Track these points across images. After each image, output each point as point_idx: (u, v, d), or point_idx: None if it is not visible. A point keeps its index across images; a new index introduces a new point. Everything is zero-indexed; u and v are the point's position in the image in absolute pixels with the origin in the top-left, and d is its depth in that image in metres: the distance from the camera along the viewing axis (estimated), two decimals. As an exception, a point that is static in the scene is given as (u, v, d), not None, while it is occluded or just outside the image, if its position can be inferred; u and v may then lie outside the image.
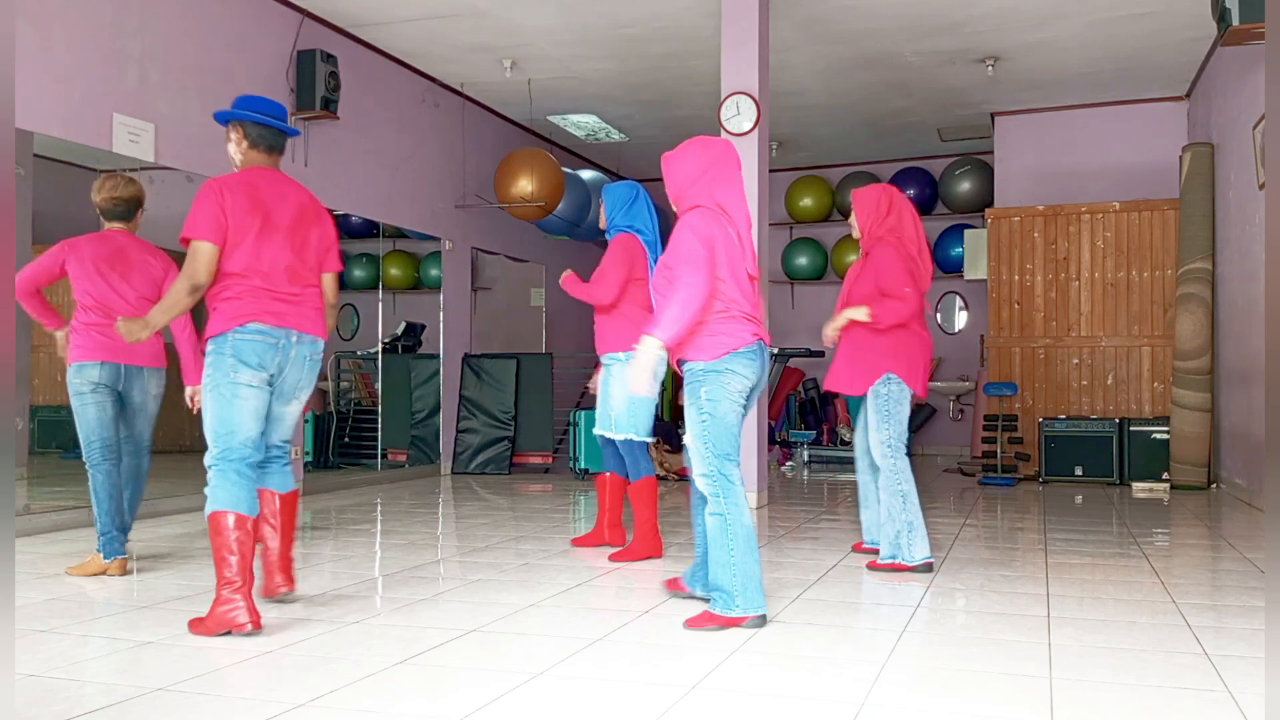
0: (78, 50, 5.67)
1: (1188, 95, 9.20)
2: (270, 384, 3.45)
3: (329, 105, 7.22)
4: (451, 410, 9.11)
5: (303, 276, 3.55)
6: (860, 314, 4.30)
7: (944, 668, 2.88)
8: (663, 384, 10.08)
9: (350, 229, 8.89)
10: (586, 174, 10.05)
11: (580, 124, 10.32)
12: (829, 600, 3.79)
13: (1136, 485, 8.02)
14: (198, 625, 3.26)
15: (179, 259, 3.63)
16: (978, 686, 2.70)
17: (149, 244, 4.46)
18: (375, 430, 8.59)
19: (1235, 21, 5.57)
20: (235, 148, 3.59)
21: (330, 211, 3.83)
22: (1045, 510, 6.57)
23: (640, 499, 4.74)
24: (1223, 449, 7.95)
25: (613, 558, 4.63)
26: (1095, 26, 7.53)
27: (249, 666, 2.87)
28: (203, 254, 3.33)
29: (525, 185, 8.86)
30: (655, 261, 4.66)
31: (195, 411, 4.00)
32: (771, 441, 9.42)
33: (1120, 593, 3.94)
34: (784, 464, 9.63)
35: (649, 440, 4.80)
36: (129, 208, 4.41)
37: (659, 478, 8.46)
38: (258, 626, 3.21)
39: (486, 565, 4.50)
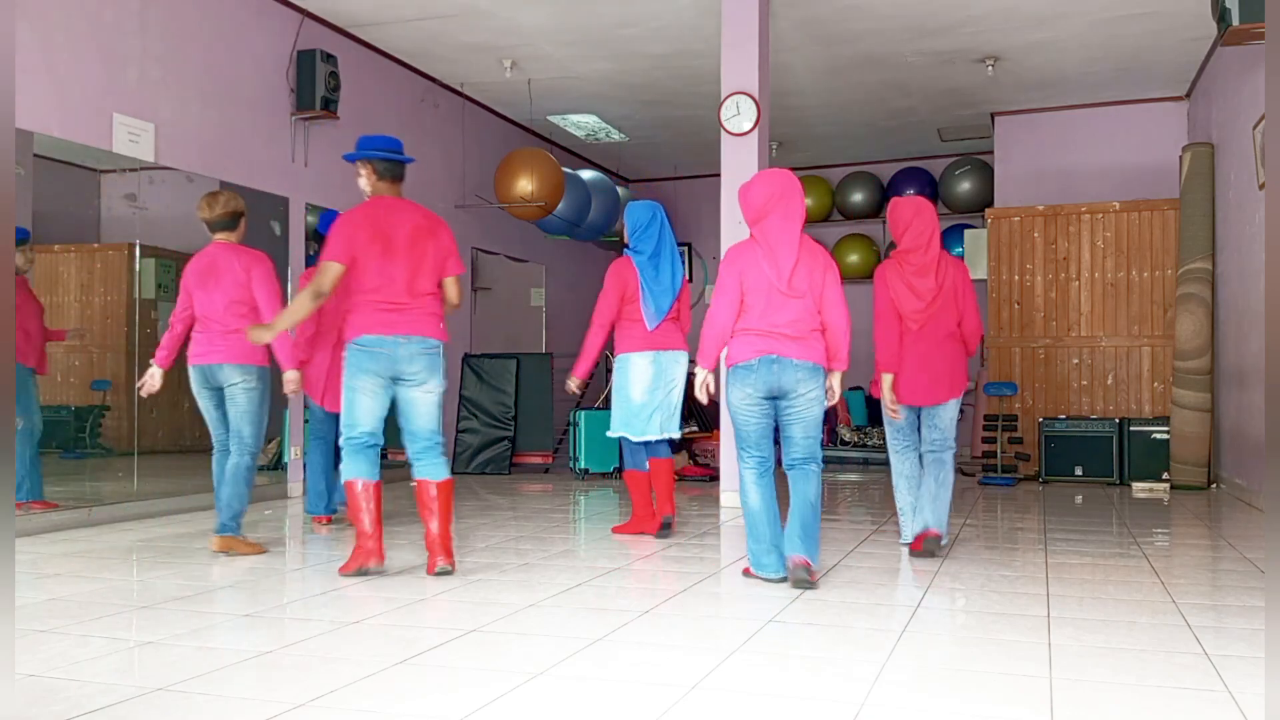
0: (78, 50, 5.67)
1: (1188, 95, 9.20)
2: (395, 381, 4.15)
3: (329, 105, 7.22)
4: (451, 410, 9.11)
5: (418, 287, 4.17)
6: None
7: (944, 668, 2.88)
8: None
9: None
10: (586, 174, 10.05)
11: (580, 124, 10.32)
12: (829, 600, 3.79)
13: (1136, 485, 8.02)
14: (344, 567, 4.21)
15: (182, 256, 3.74)
16: (978, 686, 2.70)
17: (240, 249, 4.86)
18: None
19: (1235, 21, 5.57)
20: (365, 181, 4.28)
21: (442, 220, 4.36)
22: (1045, 510, 6.57)
23: (632, 484, 5.44)
24: (1223, 449, 7.95)
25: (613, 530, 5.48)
26: (1095, 26, 7.53)
27: (249, 666, 2.87)
28: (329, 271, 4.08)
29: (525, 185, 8.86)
30: (666, 277, 5.25)
31: (288, 392, 4.97)
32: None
33: (1120, 593, 3.94)
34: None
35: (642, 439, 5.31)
36: (233, 219, 4.89)
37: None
38: (381, 562, 4.19)
39: (486, 565, 4.50)
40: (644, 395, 5.25)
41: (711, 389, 4.19)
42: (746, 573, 4.22)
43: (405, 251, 4.13)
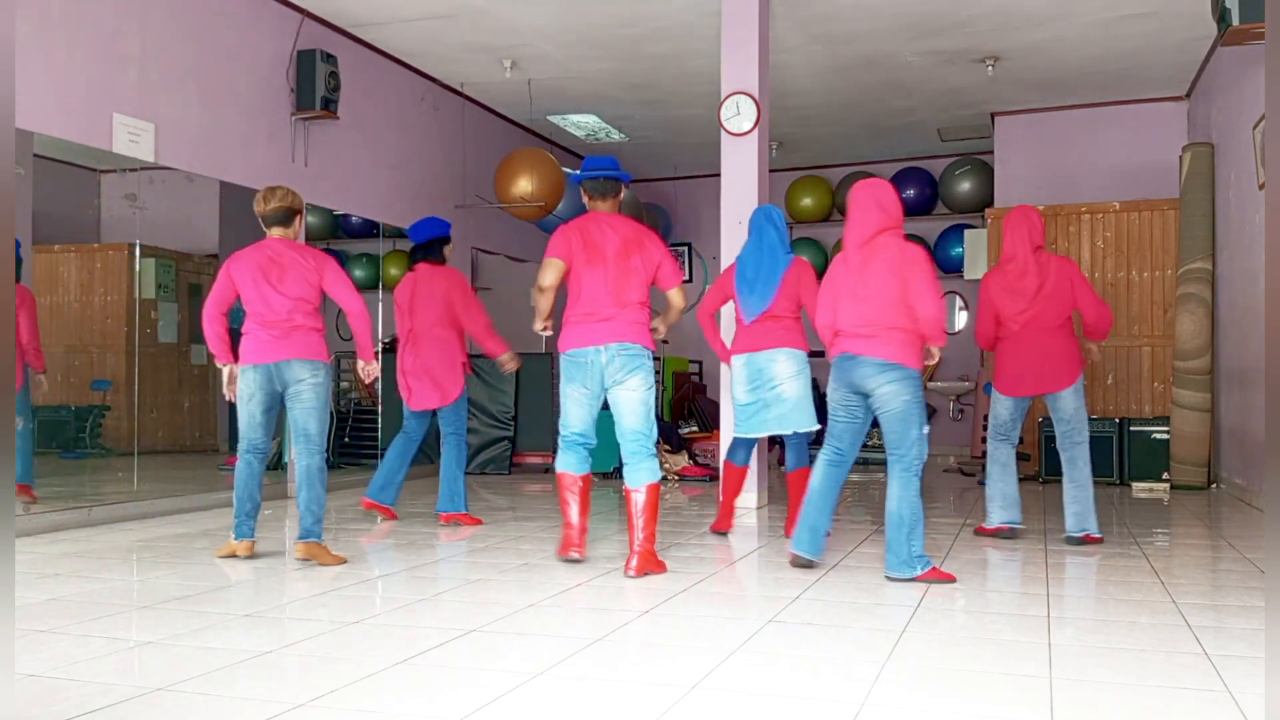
0: (78, 50, 5.67)
1: (1188, 95, 9.19)
2: (601, 385, 4.39)
3: (329, 105, 7.22)
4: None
5: (623, 296, 4.40)
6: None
7: (944, 668, 2.88)
8: (662, 384, 10.08)
9: (350, 229, 8.89)
10: (586, 174, 10.04)
11: (580, 124, 10.32)
12: (829, 600, 3.79)
13: (1136, 485, 8.02)
14: (560, 550, 4.57)
15: (182, 256, 3.73)
16: (978, 686, 2.70)
17: (303, 246, 4.72)
18: (375, 430, 8.59)
19: (1235, 21, 5.57)
20: (585, 200, 4.72)
21: (652, 232, 4.62)
22: (1045, 510, 6.56)
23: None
24: (1223, 449, 7.95)
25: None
26: (1095, 26, 7.53)
27: (249, 666, 2.87)
28: (550, 266, 4.41)
29: (525, 185, 8.85)
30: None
31: (368, 382, 5.11)
32: (772, 442, 9.41)
33: (1120, 593, 3.94)
34: (784, 464, 9.62)
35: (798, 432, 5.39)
36: (289, 214, 4.73)
37: (661, 478, 8.46)
38: (581, 554, 4.49)
39: (486, 565, 4.49)
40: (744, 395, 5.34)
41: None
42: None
43: (612, 261, 4.42)
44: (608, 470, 8.62)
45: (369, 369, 4.81)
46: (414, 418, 5.90)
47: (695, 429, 9.20)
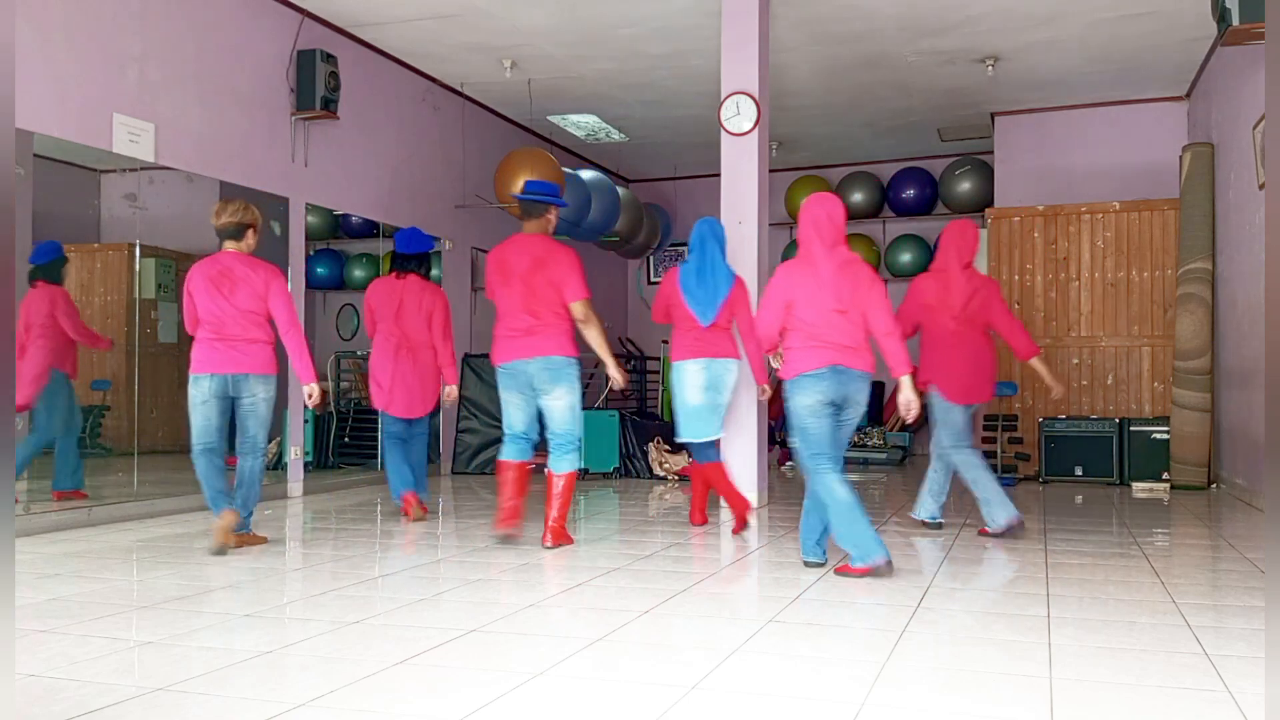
0: (78, 50, 5.67)
1: (1188, 95, 9.19)
2: (533, 390, 4.92)
3: (329, 105, 7.22)
4: (451, 410, 9.10)
5: (536, 311, 4.85)
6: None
7: (944, 668, 2.88)
8: (663, 385, 10.08)
9: (350, 229, 8.89)
10: (586, 174, 10.05)
11: (580, 124, 10.32)
12: (829, 600, 3.79)
13: (1136, 485, 8.02)
14: (494, 525, 5.09)
15: (182, 256, 3.74)
16: (978, 686, 2.70)
17: (255, 260, 4.86)
18: (375, 430, 8.58)
19: (1235, 21, 5.57)
20: (520, 218, 5.11)
21: (562, 251, 4.94)
22: (1045, 510, 6.57)
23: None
24: (1223, 449, 7.95)
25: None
26: (1095, 26, 7.53)
27: (249, 666, 2.87)
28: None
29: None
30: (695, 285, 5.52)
31: (310, 405, 4.99)
32: (772, 442, 9.42)
33: (1120, 593, 3.94)
34: (784, 464, 9.64)
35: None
36: (240, 229, 4.87)
37: (661, 478, 8.47)
38: (515, 530, 5.02)
39: (486, 565, 4.50)
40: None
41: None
42: (847, 570, 4.19)
43: (522, 279, 4.86)
44: (608, 470, 8.62)
45: (312, 391, 4.93)
46: (394, 420, 6.03)
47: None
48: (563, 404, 4.92)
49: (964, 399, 5.38)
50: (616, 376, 5.11)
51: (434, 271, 9.25)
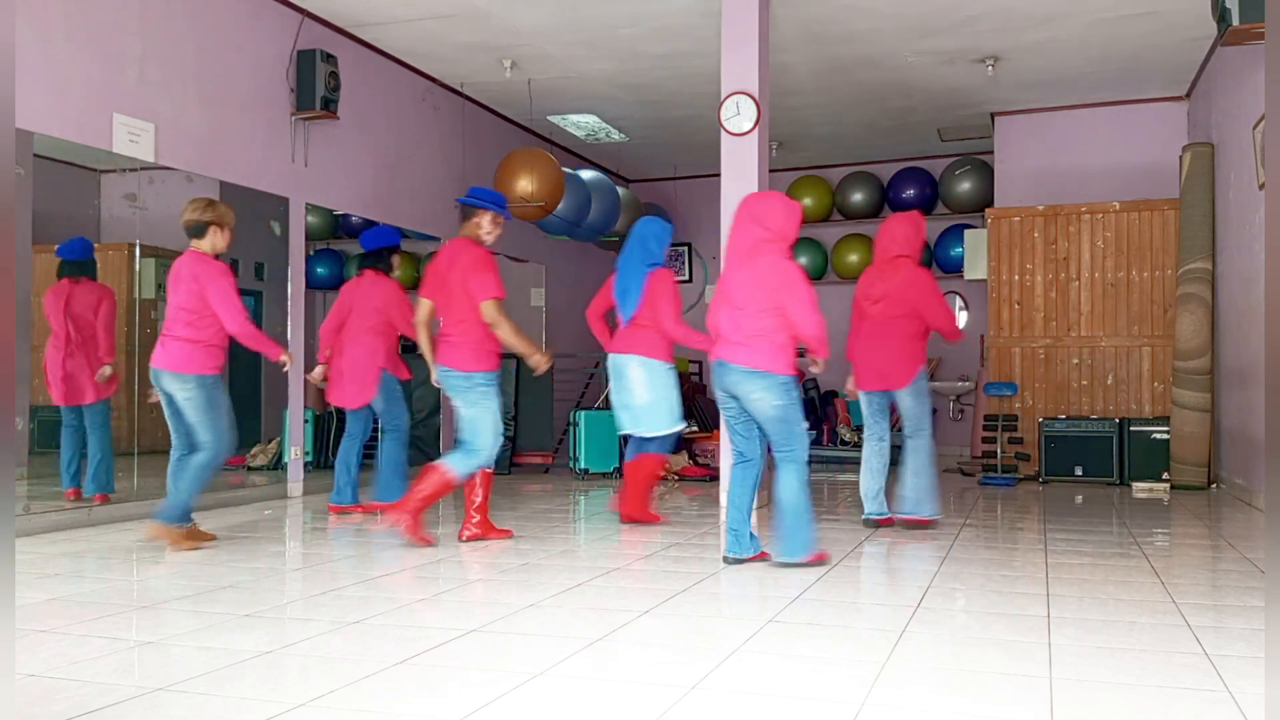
0: (78, 50, 5.67)
1: (1188, 95, 9.19)
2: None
3: (329, 105, 7.22)
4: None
5: (452, 316, 4.93)
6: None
7: (944, 668, 2.88)
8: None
9: (350, 229, 8.88)
10: (586, 174, 10.05)
11: (580, 124, 10.32)
12: (829, 600, 3.79)
13: (1136, 485, 8.02)
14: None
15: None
16: (978, 686, 2.70)
17: (202, 259, 4.90)
18: (375, 430, 8.57)
19: (1235, 21, 5.57)
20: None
21: (477, 252, 4.95)
22: (1045, 510, 6.57)
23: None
24: (1223, 449, 7.95)
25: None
26: (1095, 26, 7.53)
27: (249, 666, 2.87)
28: (420, 304, 5.12)
29: (525, 185, 8.84)
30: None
31: (286, 370, 5.32)
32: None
33: (1120, 593, 3.94)
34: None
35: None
36: (199, 227, 4.93)
37: (660, 478, 8.46)
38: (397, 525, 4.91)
39: (486, 565, 4.50)
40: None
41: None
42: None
43: (441, 284, 4.94)
44: (608, 470, 8.62)
45: (284, 361, 5.15)
46: (351, 418, 6.22)
47: (695, 429, 9.20)
48: (465, 415, 4.96)
49: (866, 386, 5.55)
50: (534, 364, 5.14)
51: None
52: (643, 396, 5.59)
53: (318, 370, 6.17)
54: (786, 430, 4.40)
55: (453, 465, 4.89)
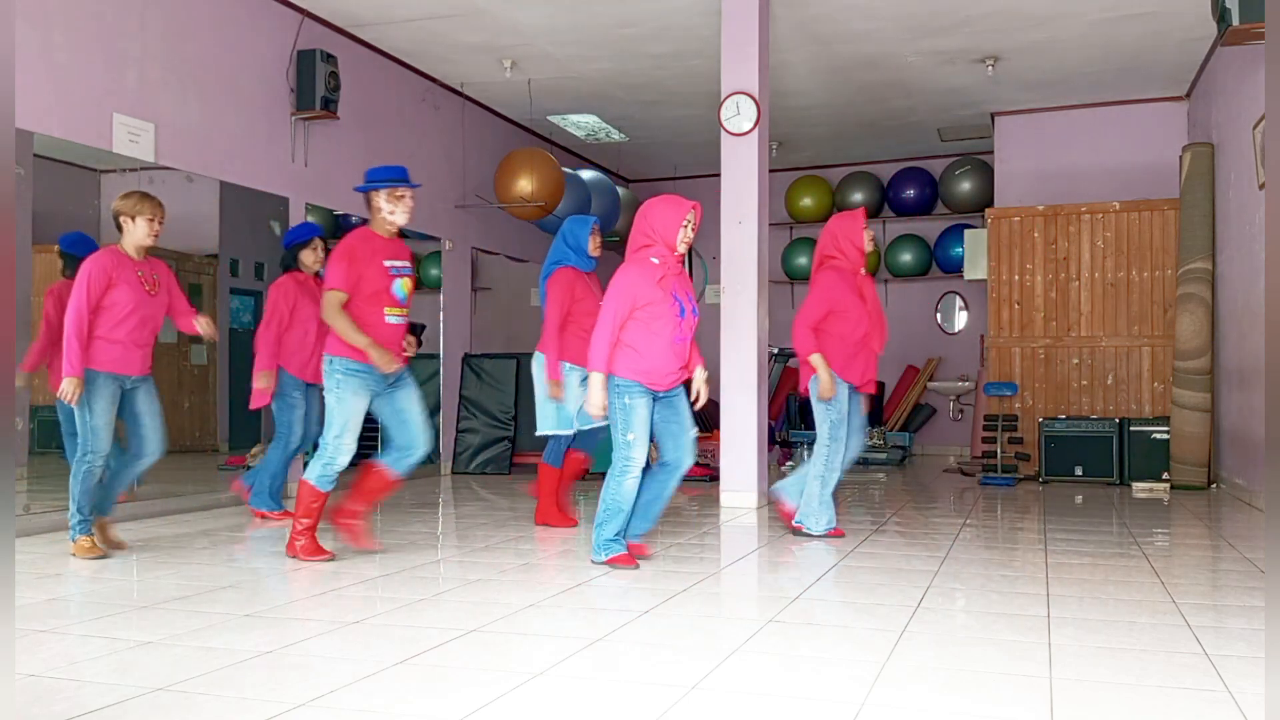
0: (78, 50, 5.67)
1: (1188, 95, 9.20)
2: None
3: (329, 105, 7.22)
4: (452, 410, 9.11)
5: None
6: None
7: (944, 668, 2.88)
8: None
9: (350, 229, 8.87)
10: (586, 174, 10.05)
11: (580, 124, 10.32)
12: (829, 600, 3.79)
13: (1136, 485, 8.02)
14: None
15: (182, 256, 3.72)
16: (978, 686, 2.70)
17: (96, 255, 4.72)
18: (375, 429, 8.57)
19: (1235, 21, 5.57)
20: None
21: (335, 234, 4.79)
22: (1045, 510, 6.57)
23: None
24: (1223, 449, 7.95)
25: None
26: (1095, 26, 7.53)
27: (249, 666, 2.87)
28: None
29: (525, 185, 8.85)
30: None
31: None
32: (771, 442, 9.42)
33: (1120, 593, 3.94)
34: (784, 464, 9.64)
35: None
36: (115, 220, 4.73)
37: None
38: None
39: (486, 565, 4.50)
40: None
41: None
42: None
43: None
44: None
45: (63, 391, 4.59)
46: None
47: (695, 429, 9.18)
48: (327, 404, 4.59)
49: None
50: (378, 365, 4.54)
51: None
52: (539, 395, 5.63)
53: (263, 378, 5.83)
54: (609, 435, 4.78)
55: (307, 472, 4.60)
